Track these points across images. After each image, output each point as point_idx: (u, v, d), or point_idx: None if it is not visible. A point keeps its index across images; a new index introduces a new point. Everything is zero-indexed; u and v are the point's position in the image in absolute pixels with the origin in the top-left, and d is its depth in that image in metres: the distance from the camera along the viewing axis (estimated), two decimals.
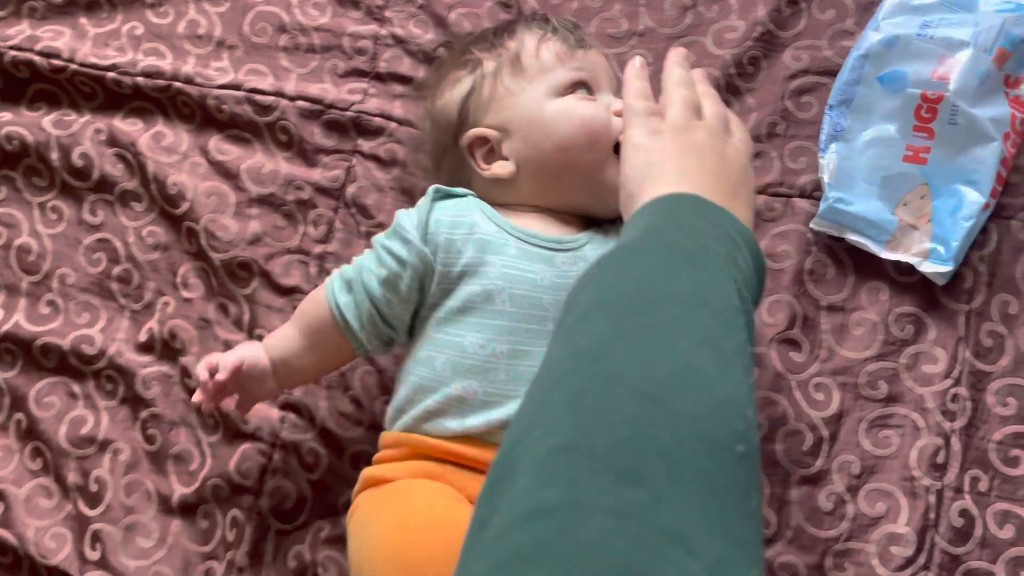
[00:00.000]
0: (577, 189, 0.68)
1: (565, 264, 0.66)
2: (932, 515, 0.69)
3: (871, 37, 0.77)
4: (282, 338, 0.71)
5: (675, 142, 0.56)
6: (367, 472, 0.67)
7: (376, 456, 0.68)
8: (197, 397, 0.70)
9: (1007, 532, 0.69)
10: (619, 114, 0.67)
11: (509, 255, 0.65)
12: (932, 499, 0.70)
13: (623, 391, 0.35)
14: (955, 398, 0.72)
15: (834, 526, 0.71)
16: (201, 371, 0.69)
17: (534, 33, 0.72)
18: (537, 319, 0.64)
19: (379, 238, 0.68)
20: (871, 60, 0.77)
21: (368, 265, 0.67)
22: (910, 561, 0.68)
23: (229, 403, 0.73)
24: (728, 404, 0.35)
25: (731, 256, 0.47)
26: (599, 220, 0.71)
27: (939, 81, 0.74)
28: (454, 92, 0.72)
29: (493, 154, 0.70)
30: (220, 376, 0.68)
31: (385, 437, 0.68)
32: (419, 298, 0.67)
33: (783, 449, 0.72)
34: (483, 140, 0.70)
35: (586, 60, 0.71)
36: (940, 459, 0.70)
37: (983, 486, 0.70)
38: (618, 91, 0.70)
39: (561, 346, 0.41)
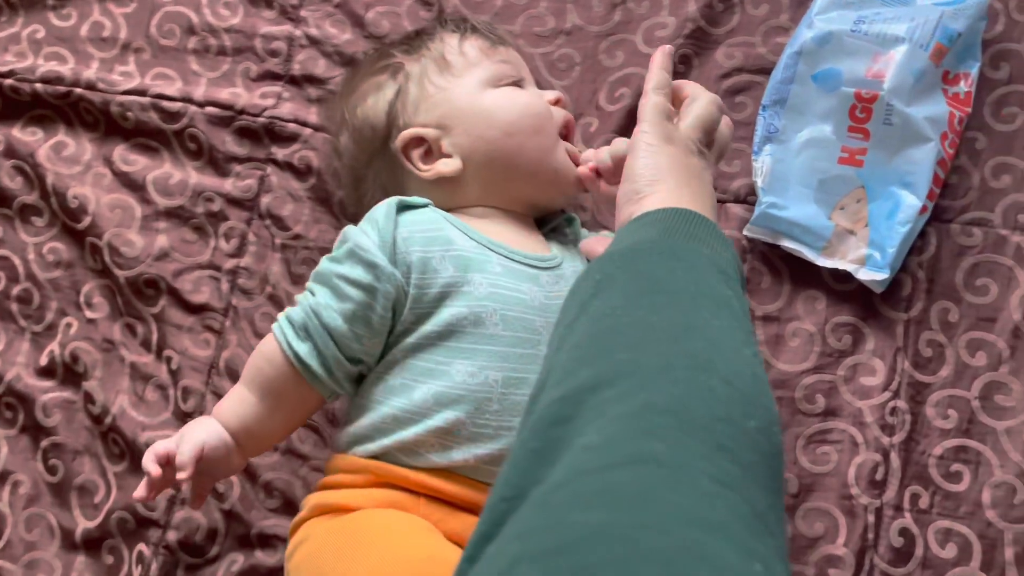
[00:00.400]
0: (528, 177, 0.65)
1: (549, 284, 0.62)
2: (871, 535, 0.66)
3: (805, 34, 0.74)
4: (238, 404, 0.62)
5: (683, 159, 0.55)
6: (318, 499, 0.60)
7: (326, 481, 0.61)
8: (139, 493, 0.59)
9: (950, 551, 0.66)
10: (554, 102, 0.66)
11: (494, 273, 0.60)
12: (871, 518, 0.67)
13: (712, 375, 0.36)
14: (894, 411, 0.69)
15: None
16: (150, 465, 0.58)
17: (454, 33, 0.69)
18: (531, 343, 0.59)
19: (330, 268, 0.60)
20: (805, 58, 0.74)
21: (324, 302, 0.59)
22: None
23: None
24: (772, 405, 0.38)
25: (735, 279, 0.47)
26: (551, 224, 0.68)
27: (873, 79, 0.71)
28: (378, 98, 0.68)
29: (431, 154, 0.66)
30: (183, 475, 0.58)
31: (340, 461, 0.61)
32: (392, 326, 0.60)
33: None
34: (419, 140, 0.66)
35: (509, 55, 0.68)
36: (879, 475, 0.67)
37: (924, 503, 0.67)
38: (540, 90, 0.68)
39: (607, 318, 0.41)
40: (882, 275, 0.69)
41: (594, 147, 0.76)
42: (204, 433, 0.60)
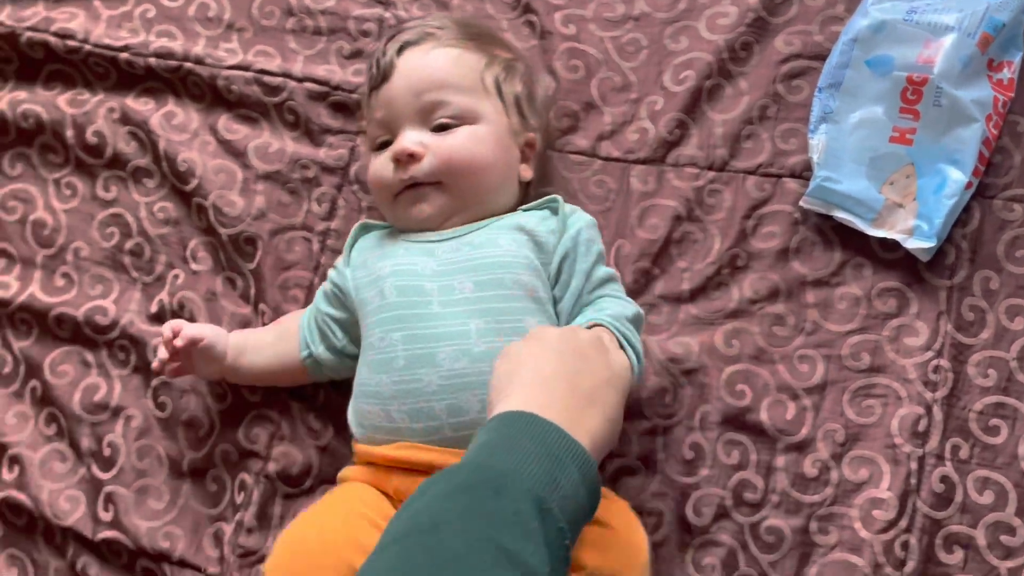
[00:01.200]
0: (392, 222, 0.77)
1: (447, 252, 0.71)
2: (914, 481, 0.72)
3: (860, 22, 0.80)
4: (251, 333, 0.79)
5: (541, 346, 0.59)
6: (340, 475, 0.72)
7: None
8: (160, 355, 0.76)
9: (987, 498, 0.72)
10: (395, 158, 0.72)
11: (398, 256, 0.72)
12: (914, 465, 0.72)
13: None
14: (937, 369, 0.74)
15: (819, 491, 0.73)
16: (166, 328, 0.75)
17: (368, 66, 0.77)
18: (421, 303, 0.69)
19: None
20: (860, 44, 0.79)
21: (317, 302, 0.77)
22: (892, 524, 0.71)
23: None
24: None
25: (551, 476, 0.50)
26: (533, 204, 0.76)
27: (924, 64, 0.76)
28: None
29: None
30: (178, 342, 0.74)
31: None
32: (349, 310, 0.74)
33: (768, 418, 0.75)
34: None
35: (381, 100, 0.74)
36: (921, 427, 0.73)
37: (964, 454, 0.73)
38: (414, 112, 0.72)
39: (363, 574, 0.46)
40: (928, 243, 0.75)
41: (658, 126, 0.82)
42: (212, 331, 0.75)
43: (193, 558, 0.78)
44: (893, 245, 0.77)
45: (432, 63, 0.73)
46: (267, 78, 0.87)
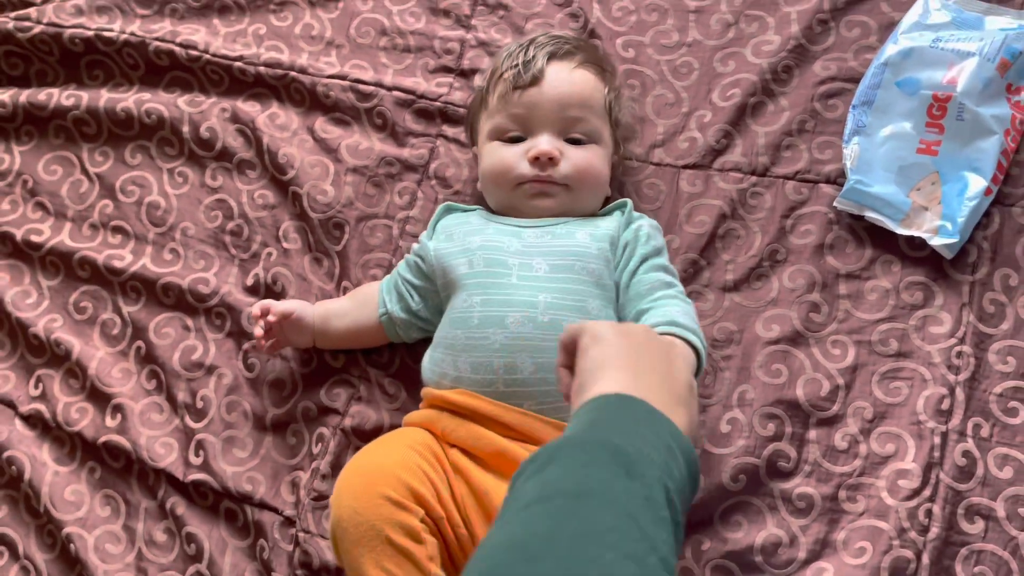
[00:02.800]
0: (499, 204, 0.86)
1: (532, 237, 0.81)
2: (937, 454, 0.78)
3: (891, 49, 0.89)
4: (333, 302, 0.88)
5: (632, 341, 0.59)
6: (404, 419, 0.82)
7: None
8: (256, 333, 0.85)
9: (1007, 473, 0.77)
10: (537, 157, 0.81)
11: (487, 234, 0.82)
12: (937, 440, 0.78)
13: None
14: (959, 355, 0.81)
15: (848, 463, 0.80)
16: (255, 308, 0.84)
17: (505, 62, 0.86)
18: (502, 274, 0.78)
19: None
20: (890, 68, 0.89)
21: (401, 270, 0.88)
22: (916, 493, 0.77)
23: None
24: None
25: (667, 466, 0.49)
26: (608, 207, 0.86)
27: (948, 84, 0.86)
28: (474, 95, 0.92)
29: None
30: (271, 317, 0.83)
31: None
32: (425, 277, 0.84)
33: (803, 394, 0.82)
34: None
35: (524, 100, 0.83)
36: (945, 407, 0.79)
37: (984, 432, 0.79)
38: (557, 120, 0.83)
39: (502, 530, 0.45)
40: (951, 240, 0.82)
41: (706, 135, 0.92)
42: (299, 305, 0.85)
43: (272, 501, 0.86)
44: (920, 244, 0.85)
45: (579, 82, 0.84)
46: (361, 86, 0.99)
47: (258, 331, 0.85)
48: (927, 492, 0.77)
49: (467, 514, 0.71)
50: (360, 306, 0.87)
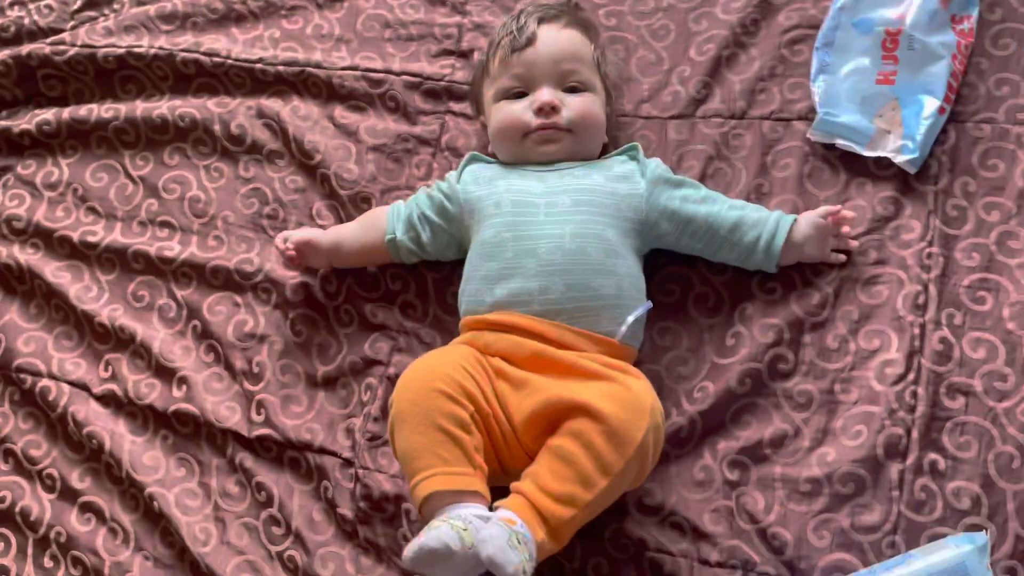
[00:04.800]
0: (510, 156, 0.96)
1: (554, 179, 0.92)
2: (917, 343, 0.88)
3: None
4: (341, 228, 1.00)
5: None
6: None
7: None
8: (287, 254, 0.97)
9: (980, 353, 0.87)
10: (540, 107, 0.92)
11: (512, 179, 0.93)
12: (916, 331, 0.88)
13: None
14: (930, 256, 0.91)
15: (840, 360, 0.89)
16: (279, 240, 0.97)
17: (500, 32, 0.98)
18: (530, 212, 0.89)
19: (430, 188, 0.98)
20: (846, 11, 0.99)
21: (422, 190, 0.99)
22: (901, 378, 0.87)
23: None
24: None
25: None
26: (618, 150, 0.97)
27: (898, 20, 0.96)
28: (476, 69, 1.03)
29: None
30: (289, 245, 0.96)
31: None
32: (445, 216, 0.95)
33: (797, 306, 0.92)
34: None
35: (523, 60, 0.94)
36: (921, 302, 0.89)
37: (958, 321, 0.89)
38: (554, 74, 0.94)
39: None
40: (913, 156, 0.92)
41: (687, 88, 1.02)
42: (313, 233, 0.97)
43: (331, 446, 0.96)
44: (887, 163, 0.95)
45: (567, 39, 0.95)
46: (372, 75, 1.10)
47: (290, 253, 0.97)
48: (911, 376, 0.87)
49: (508, 411, 0.81)
50: (368, 230, 0.98)
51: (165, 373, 1.02)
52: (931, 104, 0.94)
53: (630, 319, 0.87)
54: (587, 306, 0.86)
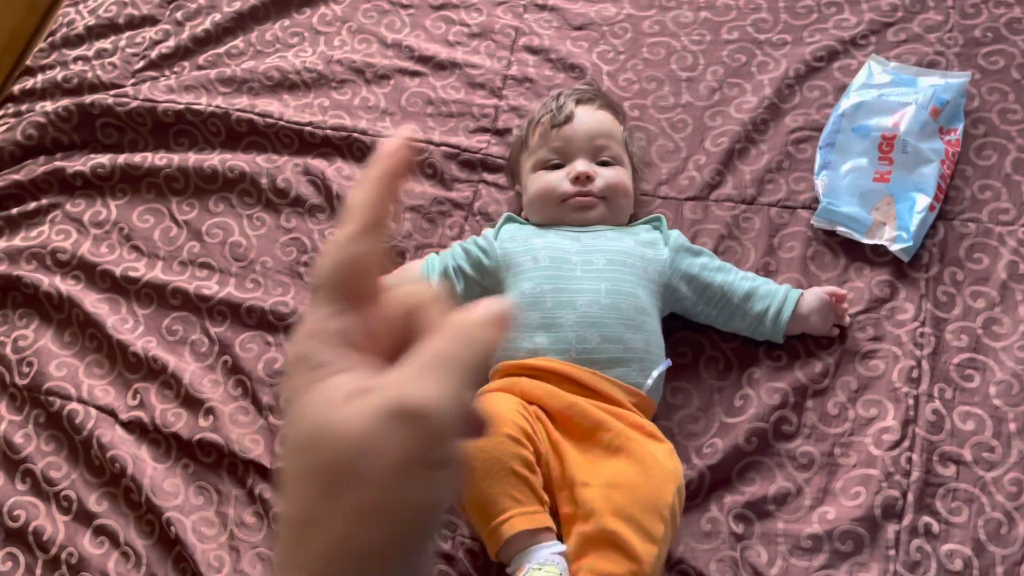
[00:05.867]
0: (547, 220, 1.04)
1: (589, 239, 1.01)
2: (912, 413, 0.95)
3: (845, 104, 1.12)
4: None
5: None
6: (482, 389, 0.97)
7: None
8: None
9: (970, 426, 0.94)
10: (577, 176, 1.02)
11: (549, 237, 1.01)
12: (911, 402, 0.95)
13: None
14: (922, 335, 0.99)
15: (840, 425, 0.96)
16: None
17: (540, 111, 1.09)
18: (567, 268, 0.97)
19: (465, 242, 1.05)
20: (846, 118, 1.11)
21: (458, 244, 1.05)
22: (897, 444, 0.93)
23: None
24: None
25: None
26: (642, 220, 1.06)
27: (894, 127, 1.08)
28: (513, 143, 1.12)
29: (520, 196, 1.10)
30: None
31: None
32: (480, 270, 1.01)
33: (801, 373, 0.99)
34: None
35: (561, 135, 1.05)
36: (915, 375, 0.97)
37: (948, 395, 0.96)
38: (589, 149, 1.04)
39: None
40: (907, 245, 1.02)
41: (702, 175, 1.12)
42: None
43: None
44: (883, 251, 1.04)
45: (601, 118, 1.06)
46: (413, 143, 1.19)
47: None
48: (906, 443, 0.93)
49: (547, 457, 0.87)
50: (403, 279, 1.04)
51: (193, 403, 1.06)
52: (923, 201, 1.04)
53: (655, 373, 0.93)
54: (619, 357, 0.92)
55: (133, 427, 1.06)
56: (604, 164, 1.04)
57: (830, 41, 1.20)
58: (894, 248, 1.03)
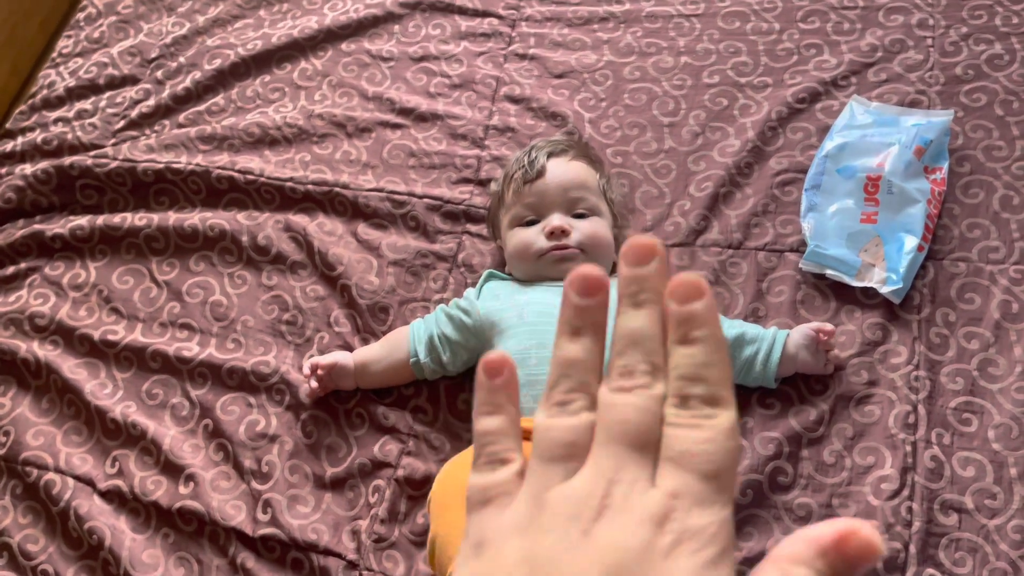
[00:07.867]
0: (528, 275, 1.03)
1: None
2: (910, 460, 0.92)
3: (829, 145, 1.11)
4: (368, 350, 1.04)
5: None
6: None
7: None
8: (312, 386, 1.02)
9: (970, 472, 0.91)
10: (552, 231, 1.00)
11: (532, 293, 1.00)
12: (908, 448, 0.93)
13: None
14: (917, 379, 0.97)
15: (837, 474, 0.93)
16: (306, 367, 1.02)
17: (513, 166, 1.08)
18: (552, 322, 0.92)
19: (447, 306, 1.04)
20: (831, 159, 1.10)
21: (440, 309, 1.03)
22: (897, 493, 0.90)
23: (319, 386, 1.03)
24: None
25: None
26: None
27: (878, 168, 1.07)
28: (491, 198, 1.11)
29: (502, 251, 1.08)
30: (320, 372, 1.00)
31: None
32: (465, 331, 0.99)
33: (795, 421, 0.96)
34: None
35: (534, 191, 1.04)
36: (911, 421, 0.94)
37: (946, 440, 0.93)
38: (563, 202, 1.03)
39: None
40: (897, 287, 1.00)
41: (688, 220, 1.11)
42: (340, 356, 1.02)
43: (335, 547, 0.96)
44: (873, 293, 1.03)
45: (574, 170, 1.05)
46: (395, 196, 1.18)
47: (313, 384, 1.01)
48: (906, 492, 0.90)
49: None
50: (393, 351, 1.02)
51: (173, 470, 1.03)
52: (910, 241, 1.03)
53: None
54: None
55: (111, 496, 1.03)
56: (580, 216, 1.03)
57: (811, 83, 1.20)
58: (884, 290, 1.01)
